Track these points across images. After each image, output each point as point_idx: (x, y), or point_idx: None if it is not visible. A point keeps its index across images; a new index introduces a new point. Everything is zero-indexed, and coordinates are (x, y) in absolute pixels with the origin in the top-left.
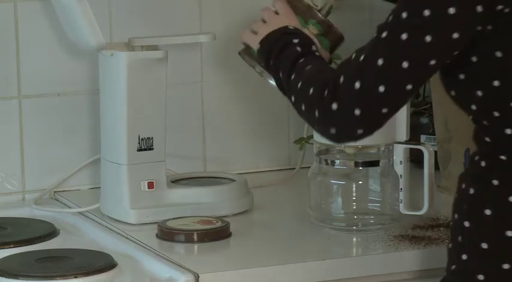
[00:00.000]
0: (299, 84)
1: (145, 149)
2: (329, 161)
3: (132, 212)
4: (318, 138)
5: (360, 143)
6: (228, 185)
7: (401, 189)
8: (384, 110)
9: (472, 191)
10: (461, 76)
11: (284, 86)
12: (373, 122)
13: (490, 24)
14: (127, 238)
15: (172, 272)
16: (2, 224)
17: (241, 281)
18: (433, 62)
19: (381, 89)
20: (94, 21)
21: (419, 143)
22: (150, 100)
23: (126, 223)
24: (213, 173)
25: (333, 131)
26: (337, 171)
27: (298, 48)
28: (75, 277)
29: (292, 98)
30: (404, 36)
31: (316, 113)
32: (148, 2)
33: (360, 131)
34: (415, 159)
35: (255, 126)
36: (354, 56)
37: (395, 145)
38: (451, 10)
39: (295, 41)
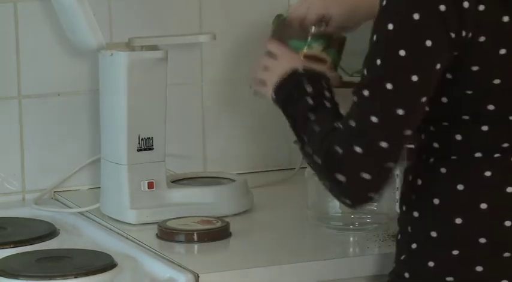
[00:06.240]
0: (310, 151)
1: (145, 149)
2: None
3: (132, 212)
4: None
5: None
6: (228, 185)
7: (398, 188)
8: (391, 164)
9: (419, 181)
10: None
11: (301, 138)
12: (383, 180)
13: (459, 50)
14: (127, 238)
15: (172, 272)
16: (2, 224)
17: (241, 281)
18: (424, 99)
19: (384, 144)
20: (94, 21)
21: None
22: (150, 100)
23: (126, 223)
24: (213, 173)
25: (347, 201)
26: None
27: (310, 101)
28: (75, 277)
29: (313, 158)
30: (389, 85)
31: (328, 185)
32: (148, 2)
33: (372, 194)
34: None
35: (255, 127)
36: (342, 125)
37: None
38: (428, 43)
39: (309, 90)
